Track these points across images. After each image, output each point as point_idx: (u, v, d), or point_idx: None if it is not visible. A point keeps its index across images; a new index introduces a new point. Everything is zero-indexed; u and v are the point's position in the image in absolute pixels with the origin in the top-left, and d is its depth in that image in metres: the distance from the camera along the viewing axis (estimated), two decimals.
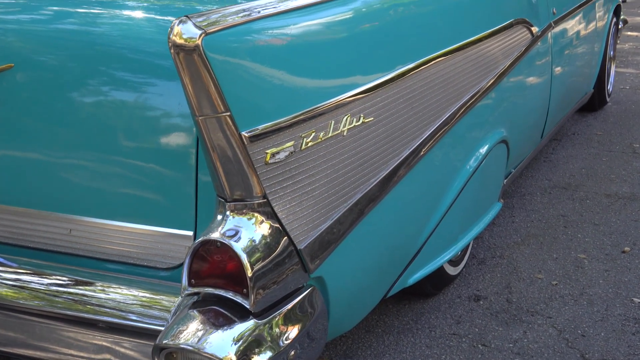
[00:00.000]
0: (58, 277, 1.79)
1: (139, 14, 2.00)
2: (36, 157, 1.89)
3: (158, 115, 1.75)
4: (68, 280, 1.79)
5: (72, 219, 1.86)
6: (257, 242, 1.54)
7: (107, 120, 1.78)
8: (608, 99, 5.32)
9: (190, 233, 1.75)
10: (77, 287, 1.75)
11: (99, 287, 1.75)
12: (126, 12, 2.00)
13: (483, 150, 2.59)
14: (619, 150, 4.37)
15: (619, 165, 4.10)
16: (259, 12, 1.52)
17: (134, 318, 1.68)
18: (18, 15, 2.05)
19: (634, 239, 3.16)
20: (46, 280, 1.77)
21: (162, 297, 1.71)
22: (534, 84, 3.19)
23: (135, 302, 1.70)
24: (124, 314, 1.68)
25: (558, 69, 3.55)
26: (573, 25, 3.86)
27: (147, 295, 1.72)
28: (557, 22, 3.46)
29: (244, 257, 1.50)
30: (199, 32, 1.37)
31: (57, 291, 1.77)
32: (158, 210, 1.79)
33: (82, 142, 1.83)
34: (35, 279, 1.80)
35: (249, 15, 1.50)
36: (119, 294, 1.71)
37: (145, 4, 2.07)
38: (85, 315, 1.69)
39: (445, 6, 2.34)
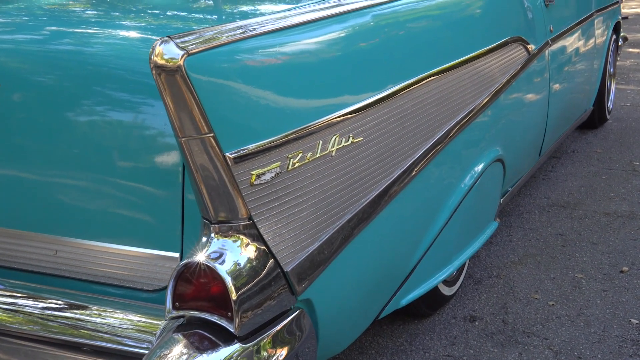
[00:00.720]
0: (43, 299, 1.76)
1: (133, 34, 1.98)
2: (21, 177, 1.88)
3: (144, 136, 1.73)
4: (54, 303, 1.76)
5: (58, 240, 1.83)
6: (242, 264, 1.52)
7: (93, 140, 1.76)
8: (608, 116, 5.30)
9: (177, 255, 1.73)
10: (61, 310, 1.72)
11: (84, 309, 1.73)
12: (122, 32, 1.99)
13: (478, 169, 2.57)
14: (619, 168, 4.34)
15: (618, 184, 4.08)
16: (243, 32, 1.50)
17: (118, 340, 1.65)
18: (10, 35, 2.04)
19: (632, 258, 3.13)
20: (30, 302, 1.75)
21: (147, 319, 1.69)
22: (531, 101, 3.17)
23: (120, 324, 1.68)
24: (107, 336, 1.65)
25: (556, 87, 3.53)
26: (571, 43, 3.84)
27: (132, 317, 1.69)
28: (554, 40, 3.45)
29: (228, 280, 1.47)
30: (181, 52, 1.36)
31: (43, 314, 1.74)
32: (144, 232, 1.76)
33: (67, 162, 1.81)
34: (20, 301, 1.77)
35: (233, 35, 1.48)
36: (102, 317, 1.69)
37: (142, 24, 2.06)
38: (68, 339, 1.66)
39: (438, 25, 2.33)
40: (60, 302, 1.77)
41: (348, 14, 1.91)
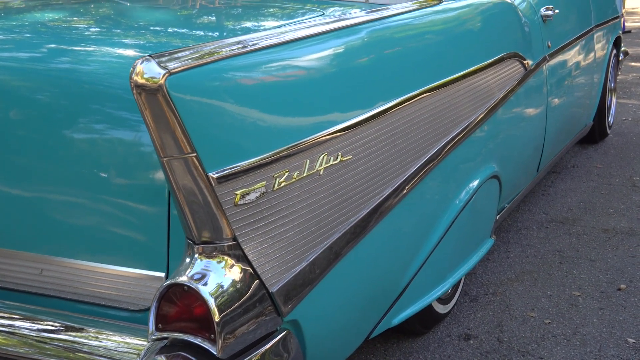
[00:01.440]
0: (26, 319, 1.74)
1: (131, 53, 1.96)
2: (7, 195, 1.86)
3: (130, 155, 1.71)
4: (38, 322, 1.74)
5: (44, 259, 1.82)
6: (226, 285, 1.50)
7: (79, 159, 1.75)
8: (609, 131, 5.28)
9: (163, 274, 1.71)
10: (43, 330, 1.70)
11: (66, 329, 1.71)
12: (119, 51, 1.97)
13: (472, 186, 2.55)
14: (619, 184, 4.32)
15: (617, 199, 4.05)
16: (227, 50, 1.49)
17: None
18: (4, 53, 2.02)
19: (630, 276, 3.10)
20: (11, 322, 1.73)
21: (132, 340, 1.67)
22: (528, 117, 3.15)
23: (104, 345, 1.66)
24: (90, 356, 1.63)
25: (554, 102, 3.51)
26: (570, 58, 3.83)
27: (117, 338, 1.67)
28: (552, 55, 3.43)
29: (211, 302, 1.45)
30: (163, 71, 1.34)
31: (36, 336, 1.73)
32: (130, 251, 1.75)
33: (53, 180, 1.79)
34: (4, 321, 1.76)
35: (216, 54, 1.46)
36: (87, 338, 1.67)
37: (140, 42, 2.04)
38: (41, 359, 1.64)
39: (431, 42, 2.31)
40: (49, 323, 1.75)
41: (337, 31, 1.90)
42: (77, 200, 1.77)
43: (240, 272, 1.53)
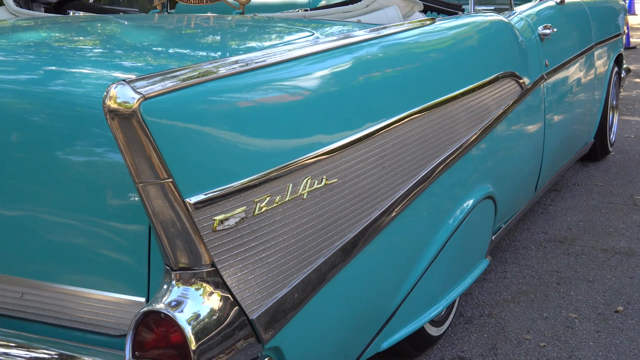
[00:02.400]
0: (7, 343, 1.72)
1: (111, 74, 1.92)
2: None
3: (112, 178, 1.68)
4: (20, 348, 1.72)
5: (25, 282, 1.79)
6: (203, 312, 1.47)
7: (59, 183, 1.72)
8: (611, 149, 5.24)
9: (143, 299, 1.68)
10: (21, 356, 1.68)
11: (49, 355, 1.68)
12: (115, 74, 1.93)
13: (466, 207, 2.52)
14: (619, 202, 4.28)
15: (618, 218, 4.01)
16: (204, 74, 1.47)
17: None
18: None
19: (628, 297, 3.06)
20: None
21: None
22: (525, 137, 3.12)
23: None
24: None
25: (553, 121, 3.49)
26: (569, 76, 3.80)
27: None
28: (550, 74, 3.41)
29: (187, 330, 1.43)
30: (137, 96, 1.32)
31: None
32: (111, 276, 1.72)
33: (34, 203, 1.77)
34: None
35: (194, 77, 1.44)
36: None
37: (138, 64, 2.00)
38: None
39: (422, 62, 2.29)
40: (29, 349, 1.73)
41: (324, 52, 1.87)
42: (59, 223, 1.75)
43: (219, 299, 1.50)
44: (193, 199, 1.42)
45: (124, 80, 1.33)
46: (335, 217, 1.79)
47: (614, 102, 5.23)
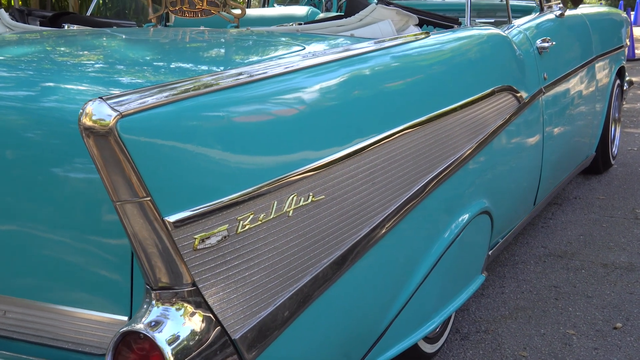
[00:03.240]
0: None
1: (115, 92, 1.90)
2: None
3: (95, 197, 1.66)
4: None
5: (7, 300, 1.77)
6: (184, 333, 1.45)
7: (43, 200, 1.70)
8: (613, 162, 5.21)
9: (126, 318, 1.66)
10: None
11: None
12: (99, 89, 1.91)
13: (460, 222, 2.49)
14: (621, 216, 4.24)
15: (618, 232, 3.97)
16: (184, 90, 1.45)
17: None
18: None
19: (627, 314, 3.02)
20: None
21: None
22: (522, 151, 3.10)
23: None
24: None
25: (552, 135, 3.46)
26: (568, 90, 3.78)
27: None
28: (549, 87, 3.38)
29: (167, 350, 1.40)
30: (114, 114, 1.30)
31: None
32: (94, 294, 1.70)
33: (17, 221, 1.75)
34: None
35: (174, 94, 1.42)
36: None
37: (126, 79, 1.98)
38: None
39: (414, 77, 2.26)
40: None
41: (310, 68, 1.85)
42: (41, 241, 1.72)
43: (201, 319, 1.48)
44: (172, 218, 1.40)
45: (101, 97, 1.31)
46: (323, 234, 1.77)
47: (616, 115, 5.20)
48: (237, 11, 2.86)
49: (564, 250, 3.73)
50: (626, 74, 5.33)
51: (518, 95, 2.96)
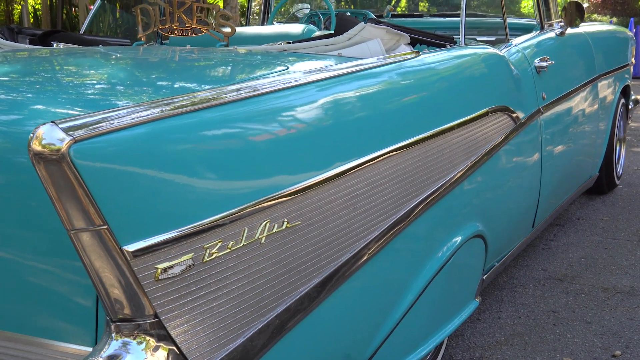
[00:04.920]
0: None
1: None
2: None
3: (59, 224, 1.60)
4: None
5: None
6: None
7: (4, 228, 1.64)
8: (618, 182, 5.12)
9: (90, 349, 1.59)
10: None
11: None
12: (62, 110, 1.86)
13: (451, 246, 2.42)
14: (624, 238, 4.15)
15: (621, 255, 3.89)
16: (146, 114, 1.39)
17: None
18: None
19: (626, 341, 2.93)
20: None
21: None
22: (519, 172, 3.03)
23: None
24: None
25: (551, 155, 3.39)
26: (569, 109, 3.71)
27: None
28: (548, 107, 3.32)
29: None
30: (67, 138, 1.24)
31: None
32: (59, 323, 1.63)
33: None
34: None
35: (134, 117, 1.36)
36: None
37: (98, 100, 1.92)
38: None
39: (402, 98, 2.19)
40: None
41: (287, 89, 1.79)
42: (5, 269, 1.66)
43: (164, 352, 1.41)
44: (131, 247, 1.33)
45: (53, 121, 1.25)
46: (299, 261, 1.70)
47: (621, 134, 5.12)
48: (227, 29, 2.82)
49: (564, 273, 3.65)
50: (632, 92, 5.25)
51: (514, 115, 2.89)
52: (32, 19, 17.60)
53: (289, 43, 2.73)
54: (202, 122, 1.49)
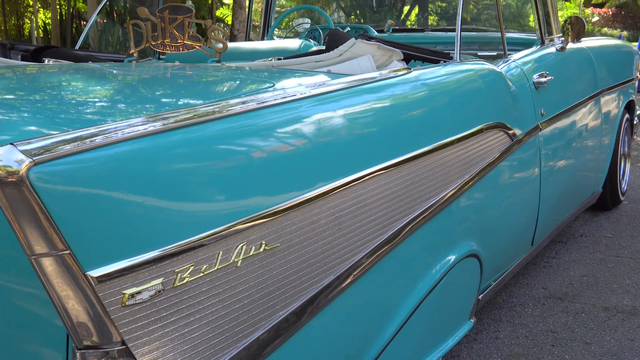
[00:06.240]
0: None
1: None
2: None
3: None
4: None
5: None
6: None
7: None
8: (622, 198, 5.06)
9: None
10: None
11: None
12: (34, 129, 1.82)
13: (444, 266, 2.37)
14: (627, 256, 4.09)
15: (623, 273, 3.82)
16: (112, 135, 1.35)
17: None
18: None
19: None
20: None
21: None
22: (515, 190, 2.97)
23: None
24: None
25: (551, 172, 3.33)
26: (569, 125, 3.65)
27: None
28: (546, 123, 3.27)
29: None
30: (26, 160, 1.20)
31: None
32: (28, 349, 1.59)
33: None
34: None
35: (98, 138, 1.32)
36: None
37: (76, 119, 1.88)
38: None
39: (391, 115, 2.15)
40: None
41: (270, 107, 1.75)
42: None
43: None
44: (96, 272, 1.29)
45: (12, 143, 1.22)
46: (278, 285, 1.65)
47: (626, 150, 5.06)
48: (219, 45, 2.79)
49: (564, 292, 3.58)
50: (636, 107, 5.19)
51: (510, 132, 2.84)
52: (41, 33, 17.71)
53: (280, 59, 2.69)
54: (172, 143, 1.45)
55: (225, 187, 1.53)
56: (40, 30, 17.84)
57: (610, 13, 30.71)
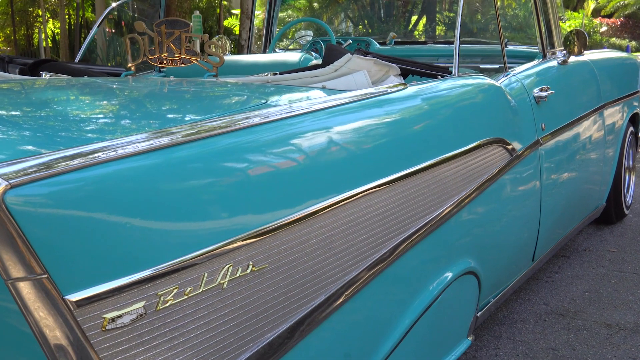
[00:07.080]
0: None
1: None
2: None
3: None
4: None
5: None
6: None
7: None
8: (627, 211, 5.01)
9: None
10: None
11: None
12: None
13: (440, 283, 2.34)
14: (630, 271, 4.04)
15: (627, 289, 3.78)
16: (91, 156, 1.33)
17: None
18: None
19: None
20: None
21: None
22: (515, 205, 2.94)
23: None
24: None
25: (552, 187, 3.30)
26: (572, 139, 3.62)
27: None
28: (547, 137, 3.24)
29: None
30: (3, 183, 1.18)
31: None
32: None
33: None
34: None
35: (76, 161, 1.30)
36: None
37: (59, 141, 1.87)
38: None
39: (380, 133, 2.12)
40: None
41: (258, 126, 1.73)
42: None
43: None
44: (75, 297, 1.27)
45: None
46: (266, 306, 1.63)
47: (630, 163, 5.02)
48: (216, 60, 2.77)
49: (566, 308, 3.54)
50: None
51: (509, 147, 2.82)
52: (50, 43, 17.79)
53: (276, 74, 2.67)
54: (153, 164, 1.43)
55: (210, 207, 1.51)
56: (49, 40, 17.93)
57: (619, 23, 30.68)
